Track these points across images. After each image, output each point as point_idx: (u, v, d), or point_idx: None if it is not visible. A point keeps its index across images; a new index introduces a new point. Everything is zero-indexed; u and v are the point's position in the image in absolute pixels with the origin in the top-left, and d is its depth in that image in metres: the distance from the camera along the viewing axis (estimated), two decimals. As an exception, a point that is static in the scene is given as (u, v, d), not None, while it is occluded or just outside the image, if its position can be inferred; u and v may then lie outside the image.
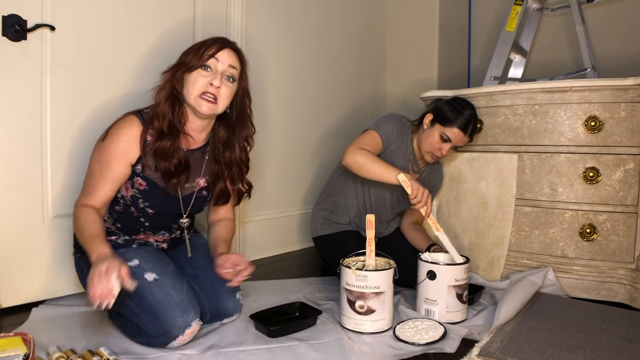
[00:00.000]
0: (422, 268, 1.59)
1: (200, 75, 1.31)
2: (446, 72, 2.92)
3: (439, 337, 1.37)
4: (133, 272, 1.25)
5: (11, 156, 1.46)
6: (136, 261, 1.32)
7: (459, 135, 1.82)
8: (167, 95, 1.34)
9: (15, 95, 1.45)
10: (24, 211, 1.49)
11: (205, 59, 1.31)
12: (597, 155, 1.84)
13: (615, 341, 1.39)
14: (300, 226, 2.51)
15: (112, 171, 1.30)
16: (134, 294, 1.23)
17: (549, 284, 1.86)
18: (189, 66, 1.32)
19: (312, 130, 2.50)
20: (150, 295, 1.25)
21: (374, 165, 1.68)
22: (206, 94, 1.31)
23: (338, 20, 2.62)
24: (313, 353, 1.27)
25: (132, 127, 1.31)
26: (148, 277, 1.28)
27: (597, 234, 1.84)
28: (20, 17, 1.41)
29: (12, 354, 1.05)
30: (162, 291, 1.26)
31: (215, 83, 1.31)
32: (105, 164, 1.30)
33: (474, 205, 2.11)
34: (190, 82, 1.32)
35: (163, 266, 1.34)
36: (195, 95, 1.31)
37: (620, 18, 2.58)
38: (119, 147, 1.30)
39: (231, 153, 1.46)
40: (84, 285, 1.38)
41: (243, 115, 1.45)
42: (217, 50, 1.33)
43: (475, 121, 1.86)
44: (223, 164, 1.47)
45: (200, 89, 1.31)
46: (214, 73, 1.32)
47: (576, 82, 1.85)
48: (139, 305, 1.25)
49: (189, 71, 1.32)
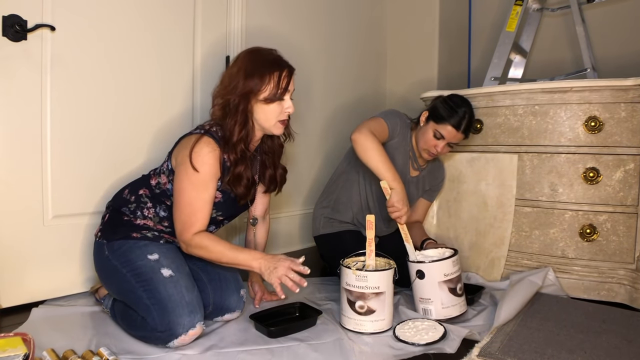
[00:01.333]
0: (411, 268, 1.59)
1: (277, 105, 1.41)
2: (446, 72, 2.91)
3: (439, 338, 1.37)
4: (151, 265, 1.33)
5: (11, 156, 1.46)
6: (156, 255, 1.36)
7: (452, 132, 1.83)
8: (242, 125, 1.40)
9: (16, 96, 1.44)
10: (24, 211, 1.49)
11: (283, 92, 1.40)
12: (597, 155, 1.84)
13: (615, 342, 1.39)
14: (301, 226, 2.50)
15: (210, 193, 1.37)
16: (148, 285, 1.29)
17: (549, 285, 1.86)
18: (267, 98, 1.39)
19: (313, 131, 2.49)
20: (164, 290, 1.28)
21: (377, 156, 1.69)
22: (282, 122, 1.43)
23: (338, 20, 2.62)
24: (313, 353, 1.27)
25: (214, 151, 1.36)
26: (164, 272, 1.32)
27: (597, 235, 1.84)
28: (20, 17, 1.41)
29: (12, 354, 1.05)
30: (175, 288, 1.29)
31: (290, 111, 1.43)
32: (203, 189, 1.36)
33: (474, 205, 2.11)
34: (270, 112, 1.41)
35: (180, 266, 1.38)
36: (273, 122, 1.42)
37: (620, 18, 2.58)
38: (211, 170, 1.36)
39: (272, 142, 1.57)
40: (98, 267, 1.43)
41: None
42: (288, 79, 1.42)
43: (470, 118, 1.86)
44: (266, 153, 1.56)
45: (278, 116, 1.42)
46: (287, 100, 1.42)
47: (576, 83, 1.85)
48: (150, 297, 1.28)
49: (270, 102, 1.40)
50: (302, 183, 2.50)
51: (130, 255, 1.35)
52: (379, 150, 1.70)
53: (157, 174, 1.47)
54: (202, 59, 1.89)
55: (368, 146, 1.70)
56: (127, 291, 1.33)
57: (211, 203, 1.39)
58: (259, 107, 1.40)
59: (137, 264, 1.33)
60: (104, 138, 1.65)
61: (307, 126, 2.47)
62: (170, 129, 1.82)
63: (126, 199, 1.47)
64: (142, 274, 1.31)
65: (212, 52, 1.93)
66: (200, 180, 1.34)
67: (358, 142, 1.72)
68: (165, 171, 1.45)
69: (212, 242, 1.36)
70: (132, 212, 1.44)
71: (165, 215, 1.45)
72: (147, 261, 1.33)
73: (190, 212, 1.36)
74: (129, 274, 1.32)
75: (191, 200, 1.35)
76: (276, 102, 1.40)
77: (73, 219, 1.59)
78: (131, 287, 1.31)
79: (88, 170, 1.62)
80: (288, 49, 2.34)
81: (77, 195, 1.60)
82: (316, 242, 2.10)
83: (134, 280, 1.31)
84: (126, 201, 1.46)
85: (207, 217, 1.39)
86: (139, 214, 1.44)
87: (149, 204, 1.45)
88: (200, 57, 1.89)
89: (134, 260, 1.34)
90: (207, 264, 1.50)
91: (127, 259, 1.35)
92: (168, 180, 1.43)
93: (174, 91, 1.83)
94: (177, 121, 1.84)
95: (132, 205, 1.45)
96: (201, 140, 1.36)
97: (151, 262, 1.33)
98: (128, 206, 1.45)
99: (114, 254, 1.37)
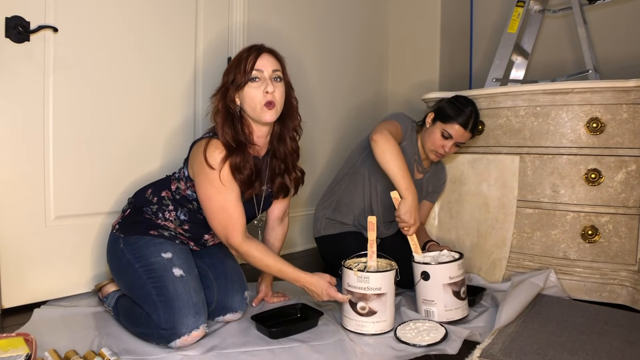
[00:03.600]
0: (416, 270, 1.59)
1: (252, 88, 1.39)
2: (448, 73, 2.91)
3: (440, 339, 1.36)
4: (164, 263, 1.35)
5: (14, 157, 1.46)
6: (170, 254, 1.38)
7: (459, 131, 1.84)
8: (224, 117, 1.41)
9: (18, 97, 1.45)
10: (26, 212, 1.50)
11: (249, 72, 1.38)
12: (599, 156, 1.83)
13: (617, 343, 1.39)
14: (302, 227, 2.51)
15: (236, 192, 1.39)
16: (159, 282, 1.30)
17: (551, 286, 1.85)
18: (237, 84, 1.39)
19: (314, 133, 2.50)
20: (173, 288, 1.29)
21: (395, 160, 1.68)
22: (267, 104, 1.38)
23: (339, 22, 2.62)
24: (314, 354, 1.27)
25: (222, 150, 1.37)
26: (176, 271, 1.33)
27: (599, 236, 1.84)
28: (23, 18, 1.41)
29: (14, 355, 1.05)
30: (184, 288, 1.30)
31: (269, 90, 1.38)
32: (228, 190, 1.37)
33: (476, 206, 2.11)
34: (247, 98, 1.39)
35: (190, 267, 1.40)
36: (259, 108, 1.39)
37: (622, 20, 2.58)
38: (225, 169, 1.36)
39: (284, 147, 1.53)
40: (111, 259, 1.45)
41: (290, 106, 1.52)
42: (255, 59, 1.39)
43: (476, 117, 1.88)
44: (280, 159, 1.54)
45: (261, 101, 1.38)
46: (263, 81, 1.39)
47: (578, 84, 1.85)
48: (159, 294, 1.29)
49: (239, 89, 1.39)
50: (304, 185, 2.50)
51: (144, 251, 1.37)
52: (399, 155, 1.69)
53: (177, 180, 1.48)
54: (204, 60, 1.90)
55: (388, 149, 1.69)
56: (137, 286, 1.34)
57: (240, 202, 1.40)
58: (242, 97, 1.40)
59: (150, 260, 1.35)
60: (106, 139, 1.65)
61: (308, 128, 2.46)
62: (173, 130, 1.82)
63: (149, 200, 1.48)
64: (154, 271, 1.33)
65: (214, 52, 1.93)
66: (221, 183, 1.36)
67: (379, 142, 1.71)
68: (182, 178, 1.46)
69: (261, 254, 1.41)
70: (154, 213, 1.46)
71: (185, 219, 1.47)
72: (160, 259, 1.35)
73: (226, 217, 1.38)
74: (141, 269, 1.34)
75: (221, 204, 1.37)
76: (249, 84, 1.38)
77: (75, 219, 1.60)
78: (142, 283, 1.33)
79: (90, 171, 1.62)
80: (289, 49, 2.34)
81: (79, 196, 1.61)
82: (317, 244, 2.10)
83: (145, 276, 1.33)
84: (149, 202, 1.48)
85: (243, 216, 1.40)
86: (160, 215, 1.46)
87: (170, 206, 1.47)
88: (202, 58, 1.89)
89: (148, 256, 1.36)
90: (215, 262, 1.53)
91: (141, 254, 1.37)
92: (186, 186, 1.45)
93: (176, 93, 1.83)
94: (180, 123, 1.85)
95: (154, 207, 1.47)
96: (211, 143, 1.37)
97: (164, 260, 1.35)
98: (150, 207, 1.47)
99: (129, 247, 1.39)
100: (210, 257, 1.55)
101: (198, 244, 1.54)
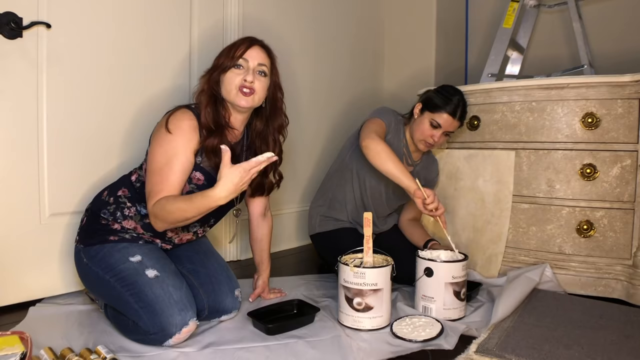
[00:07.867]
0: (420, 265, 1.59)
1: (234, 74, 1.40)
2: (443, 68, 2.91)
3: (436, 334, 1.37)
4: (135, 267, 1.29)
5: (7, 154, 1.45)
6: (139, 257, 1.33)
7: (448, 120, 1.84)
8: (208, 97, 1.41)
9: (11, 93, 1.44)
10: (21, 209, 1.49)
11: (236, 59, 1.40)
12: (594, 151, 1.84)
13: (613, 337, 1.40)
14: (298, 223, 2.50)
15: (181, 161, 1.32)
16: (134, 289, 1.26)
17: (547, 281, 1.86)
18: (222, 67, 1.41)
19: (308, 128, 2.49)
20: (150, 292, 1.25)
21: (389, 160, 1.69)
22: (242, 89, 1.38)
23: (334, 17, 2.62)
24: (311, 350, 1.27)
25: (191, 119, 1.36)
26: (149, 273, 1.29)
27: (594, 231, 1.84)
28: (15, 14, 1.40)
29: (9, 353, 1.04)
30: (162, 288, 1.26)
31: (248, 79, 1.39)
32: (173, 155, 1.31)
33: (472, 202, 2.11)
34: (227, 81, 1.40)
35: (164, 265, 1.35)
36: (234, 92, 1.39)
37: (617, 15, 2.59)
38: (185, 135, 1.33)
39: (266, 148, 1.53)
40: (81, 274, 1.42)
41: (276, 107, 1.53)
42: (245, 49, 1.41)
43: (464, 105, 1.87)
44: None
45: (237, 86, 1.38)
46: (246, 70, 1.40)
47: (573, 79, 1.85)
48: (137, 301, 1.25)
49: (223, 72, 1.41)
50: (299, 181, 2.50)
51: (110, 260, 1.32)
52: (391, 154, 1.70)
53: (139, 167, 1.46)
54: (198, 55, 1.89)
55: (380, 151, 1.71)
56: (114, 297, 1.30)
57: (184, 173, 1.32)
58: (222, 80, 1.41)
59: (119, 268, 1.30)
60: (100, 136, 1.64)
61: (303, 124, 2.46)
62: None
63: (105, 201, 1.43)
64: (126, 278, 1.28)
65: (208, 48, 1.92)
66: (171, 147, 1.31)
67: (370, 147, 1.72)
68: (144, 164, 1.42)
69: (169, 200, 1.26)
70: (111, 214, 1.40)
71: (147, 213, 1.36)
72: (129, 264, 1.30)
73: (159, 181, 1.29)
74: (113, 280, 1.29)
75: (160, 165, 1.31)
76: (232, 69, 1.39)
77: (70, 217, 1.59)
78: (117, 293, 1.28)
79: (85, 168, 1.61)
80: (284, 44, 2.34)
81: (73, 194, 1.60)
82: (313, 241, 2.10)
83: (119, 286, 1.28)
84: (105, 203, 1.43)
85: (176, 187, 1.30)
86: (118, 214, 1.40)
87: (128, 203, 1.41)
88: (197, 52, 1.89)
89: (115, 264, 1.31)
90: (197, 267, 1.48)
91: (107, 264, 1.31)
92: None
93: (172, 88, 1.82)
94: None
95: (111, 207, 1.41)
96: (177, 110, 1.38)
97: (134, 265, 1.30)
98: (107, 208, 1.41)
99: (92, 260, 1.34)
100: (191, 261, 1.50)
101: (164, 240, 1.46)
